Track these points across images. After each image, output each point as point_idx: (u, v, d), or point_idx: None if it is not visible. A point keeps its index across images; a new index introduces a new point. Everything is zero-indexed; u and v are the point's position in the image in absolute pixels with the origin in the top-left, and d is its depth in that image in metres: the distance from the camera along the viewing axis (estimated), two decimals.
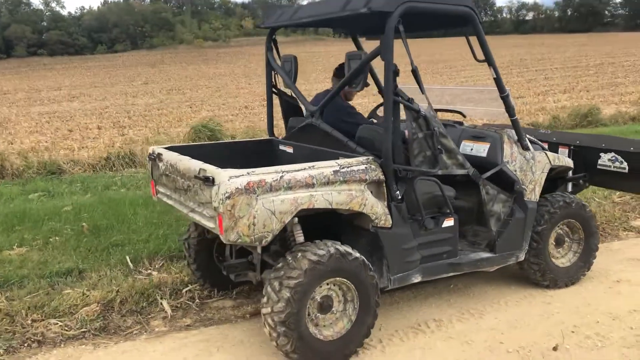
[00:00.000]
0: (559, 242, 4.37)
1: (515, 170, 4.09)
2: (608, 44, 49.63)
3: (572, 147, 4.99)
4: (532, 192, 4.14)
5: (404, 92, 3.52)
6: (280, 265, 3.31)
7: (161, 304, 4.25)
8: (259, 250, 3.65)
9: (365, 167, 3.45)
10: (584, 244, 4.43)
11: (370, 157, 3.53)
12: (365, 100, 15.17)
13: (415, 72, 3.47)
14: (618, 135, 8.21)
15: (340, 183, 3.35)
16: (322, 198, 3.27)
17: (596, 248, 4.48)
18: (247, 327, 3.94)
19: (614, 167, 4.75)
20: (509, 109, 4.01)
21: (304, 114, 4.64)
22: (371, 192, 3.47)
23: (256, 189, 3.10)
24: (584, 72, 27.04)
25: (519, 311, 4.04)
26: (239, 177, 3.09)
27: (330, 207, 3.30)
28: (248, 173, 3.13)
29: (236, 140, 4.75)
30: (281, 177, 3.18)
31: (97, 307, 4.14)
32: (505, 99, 3.97)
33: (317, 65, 35.29)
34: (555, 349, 3.51)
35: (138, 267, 4.79)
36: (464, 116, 4.79)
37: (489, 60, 3.83)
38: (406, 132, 3.72)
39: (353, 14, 3.52)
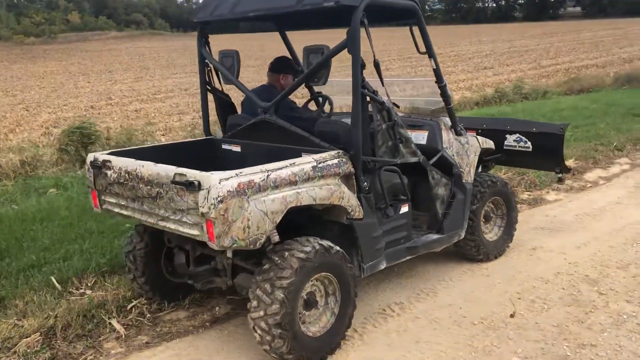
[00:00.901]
0: (487, 219, 4.76)
1: (453, 155, 4.38)
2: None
3: (479, 131, 5.41)
4: (469, 175, 4.47)
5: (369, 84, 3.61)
6: (267, 266, 3.24)
7: (110, 324, 3.93)
8: (229, 254, 3.53)
9: (338, 161, 3.50)
10: (506, 219, 4.87)
11: (340, 151, 3.57)
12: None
13: (377, 65, 3.57)
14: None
15: (318, 178, 3.37)
16: (307, 195, 3.26)
17: (516, 221, 4.95)
18: (214, 336, 3.80)
19: (519, 146, 5.26)
20: (446, 98, 4.27)
21: (241, 111, 4.55)
22: (344, 185, 3.52)
23: (247, 190, 3.01)
24: (418, 63, 29.09)
25: (466, 286, 4.34)
26: (228, 179, 2.97)
27: (314, 202, 3.30)
28: (237, 174, 3.02)
29: (174, 142, 4.49)
30: (267, 176, 3.12)
31: (37, 336, 3.73)
32: (443, 88, 4.22)
33: (160, 60, 34.06)
34: (512, 315, 3.85)
35: (68, 288, 4.35)
36: (398, 107, 4.99)
37: (430, 52, 4.05)
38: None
39: (307, 9, 3.52)
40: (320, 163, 3.40)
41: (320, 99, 4.77)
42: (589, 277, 4.38)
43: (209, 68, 4.36)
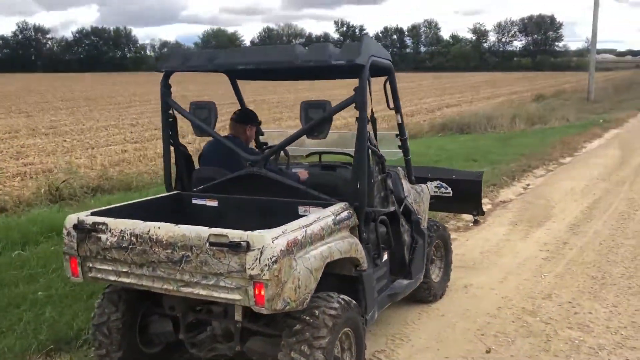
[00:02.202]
0: (431, 261, 5.08)
1: (412, 203, 4.64)
2: (245, 83, 55.07)
3: None
4: (424, 220, 4.75)
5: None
6: (299, 327, 3.12)
7: None
8: (238, 317, 3.33)
9: (348, 213, 3.53)
10: (444, 260, 5.24)
11: (346, 203, 3.61)
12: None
13: (374, 120, 3.72)
14: None
15: (337, 232, 3.37)
16: (336, 248, 3.25)
17: (451, 262, 5.34)
18: None
19: (440, 192, 5.71)
20: (406, 150, 4.54)
21: (200, 164, 4.35)
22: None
23: (293, 248, 2.92)
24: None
25: (430, 327, 4.57)
26: (278, 237, 2.86)
27: (341, 256, 3.29)
28: (283, 232, 2.91)
29: (138, 200, 4.08)
30: (305, 232, 3.05)
31: None
32: (404, 141, 4.49)
33: None
34: (488, 351, 4.15)
35: None
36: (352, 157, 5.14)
37: (397, 107, 4.29)
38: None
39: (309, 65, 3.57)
40: (336, 216, 3.41)
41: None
42: (526, 309, 4.89)
43: (171, 119, 4.12)
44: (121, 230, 3.17)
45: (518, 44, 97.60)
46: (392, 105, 4.22)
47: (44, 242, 6.54)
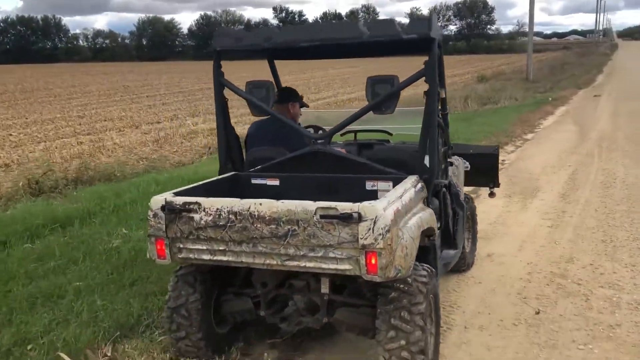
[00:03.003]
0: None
1: (451, 176, 4.78)
2: (186, 71, 54.27)
3: None
4: (462, 193, 4.91)
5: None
6: (394, 294, 3.21)
7: None
8: (325, 289, 3.39)
9: (421, 186, 3.63)
10: (472, 231, 5.44)
11: (416, 176, 3.70)
12: None
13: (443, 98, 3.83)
14: None
15: (417, 203, 3.46)
16: (423, 219, 3.34)
17: (477, 232, 5.55)
18: None
19: None
20: (446, 124, 4.67)
21: (247, 145, 4.36)
22: None
23: (398, 218, 3.00)
24: (194, 97, 29.09)
25: (473, 294, 4.75)
26: (388, 207, 2.93)
27: (427, 226, 3.39)
28: (388, 203, 2.98)
29: (199, 182, 3.99)
30: (402, 203, 3.13)
31: None
32: (445, 116, 4.62)
33: None
34: (537, 312, 4.37)
35: None
36: (391, 134, 5.22)
37: (442, 82, 4.39)
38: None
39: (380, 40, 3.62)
40: (415, 187, 3.50)
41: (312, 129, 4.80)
42: (555, 272, 5.15)
43: (226, 99, 4.10)
44: (217, 209, 3.15)
45: (453, 27, 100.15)
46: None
47: (49, 234, 6.33)
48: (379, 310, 3.23)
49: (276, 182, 3.99)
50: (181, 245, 3.27)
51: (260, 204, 3.08)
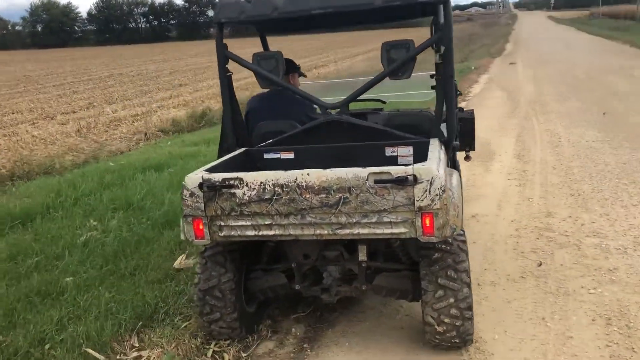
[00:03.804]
0: None
1: None
2: (90, 57, 51.86)
3: None
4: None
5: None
6: (438, 255, 3.26)
7: None
8: (363, 257, 3.39)
9: (442, 148, 3.68)
10: None
11: (437, 139, 3.74)
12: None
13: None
14: None
15: (445, 164, 3.50)
16: (454, 180, 3.37)
17: None
18: (329, 354, 3.57)
19: None
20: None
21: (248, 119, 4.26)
22: None
23: (447, 177, 3.03)
24: (105, 84, 27.85)
25: (472, 252, 4.88)
26: (439, 167, 2.95)
27: (460, 185, 3.44)
28: (437, 163, 3.01)
29: (214, 162, 3.80)
30: (440, 163, 3.16)
31: None
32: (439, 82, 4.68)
33: None
34: (540, 264, 4.57)
35: (111, 359, 3.44)
36: (384, 102, 5.21)
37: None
38: None
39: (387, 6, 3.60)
40: (441, 150, 3.54)
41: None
42: (540, 227, 5.40)
43: (230, 73, 3.96)
44: (261, 183, 3.06)
45: None
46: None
47: (10, 232, 5.93)
48: (424, 271, 3.26)
49: (291, 155, 3.91)
50: (222, 223, 3.15)
51: (308, 174, 3.02)
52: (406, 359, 3.43)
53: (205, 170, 3.30)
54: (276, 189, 3.04)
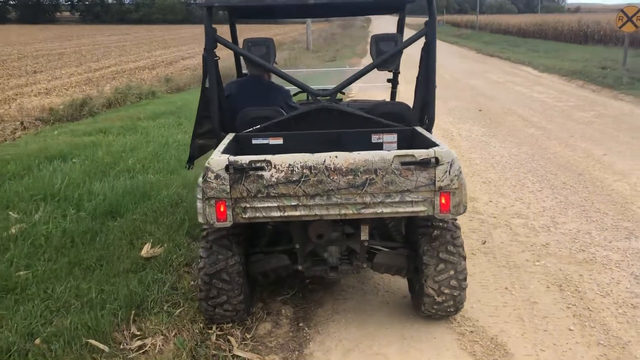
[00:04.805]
0: None
1: None
2: None
3: None
4: None
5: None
6: (437, 232, 3.56)
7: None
8: (365, 236, 3.59)
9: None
10: None
11: (422, 127, 4.03)
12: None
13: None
14: None
15: None
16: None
17: None
18: (328, 330, 3.75)
19: None
20: (395, 83, 5.08)
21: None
22: None
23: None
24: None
25: None
26: (453, 151, 3.24)
27: None
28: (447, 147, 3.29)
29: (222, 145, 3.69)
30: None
31: None
32: (396, 75, 5.01)
33: None
34: (484, 243, 5.08)
35: (115, 349, 3.31)
36: (344, 94, 5.35)
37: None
38: None
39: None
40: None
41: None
42: (468, 210, 5.94)
43: (217, 58, 3.95)
44: (289, 165, 3.13)
45: None
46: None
47: None
48: (425, 247, 3.55)
49: (280, 141, 3.99)
50: (247, 205, 3.17)
51: (336, 156, 3.16)
52: (405, 329, 3.69)
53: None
54: (304, 170, 3.14)
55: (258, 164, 3.13)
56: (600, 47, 29.89)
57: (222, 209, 3.16)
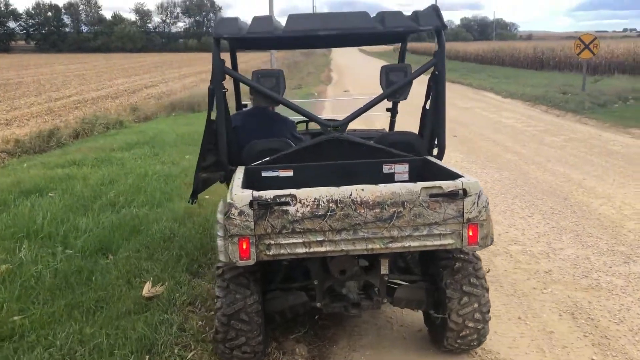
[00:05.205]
0: None
1: None
2: None
3: None
4: None
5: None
6: (459, 264, 3.49)
7: None
8: (385, 270, 3.49)
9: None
10: None
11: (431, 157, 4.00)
12: None
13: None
14: None
15: None
16: None
17: None
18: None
19: None
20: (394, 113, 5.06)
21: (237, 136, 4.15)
22: None
23: None
24: None
25: None
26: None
27: None
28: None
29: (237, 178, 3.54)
30: None
31: None
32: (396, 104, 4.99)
33: None
34: (488, 271, 5.03)
35: None
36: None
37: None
38: None
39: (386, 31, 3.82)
40: None
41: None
42: None
43: (225, 90, 3.85)
44: (315, 199, 3.03)
45: (182, 24, 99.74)
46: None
47: None
48: (448, 280, 3.47)
49: (290, 173, 3.90)
50: (271, 242, 3.05)
51: (362, 190, 3.08)
52: None
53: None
54: (330, 204, 3.05)
55: (283, 199, 3.02)
56: (556, 73, 30.89)
57: (244, 247, 3.03)
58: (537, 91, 20.25)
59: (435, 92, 3.95)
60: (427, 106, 4.22)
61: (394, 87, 3.90)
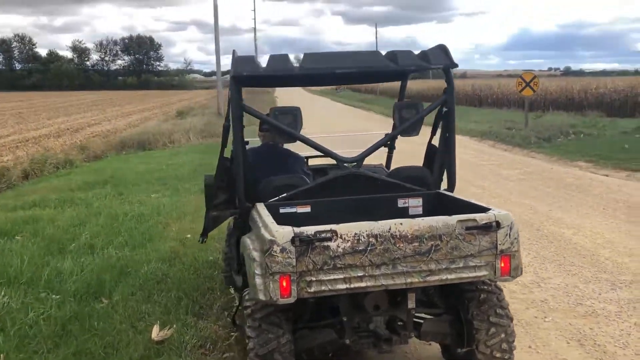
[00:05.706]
0: None
1: None
2: None
3: None
4: None
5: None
6: (484, 296, 3.55)
7: None
8: (412, 304, 3.51)
9: None
10: None
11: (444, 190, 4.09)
12: None
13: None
14: None
15: None
16: None
17: None
18: None
19: None
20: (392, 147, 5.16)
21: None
22: None
23: None
24: None
25: None
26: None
27: None
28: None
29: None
30: None
31: None
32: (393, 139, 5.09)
33: None
34: None
35: None
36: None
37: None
38: None
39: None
40: None
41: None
42: None
43: (244, 126, 3.85)
44: (355, 234, 3.04)
45: (121, 62, 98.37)
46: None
47: None
48: (475, 312, 3.52)
49: (307, 209, 3.89)
50: (312, 279, 3.02)
51: (401, 224, 3.11)
52: None
53: None
54: (370, 239, 3.06)
55: (324, 234, 3.01)
56: (495, 110, 32.17)
57: (284, 284, 2.98)
58: (482, 127, 21.00)
59: (447, 128, 4.06)
60: (432, 141, 4.33)
61: (406, 124, 4.00)
